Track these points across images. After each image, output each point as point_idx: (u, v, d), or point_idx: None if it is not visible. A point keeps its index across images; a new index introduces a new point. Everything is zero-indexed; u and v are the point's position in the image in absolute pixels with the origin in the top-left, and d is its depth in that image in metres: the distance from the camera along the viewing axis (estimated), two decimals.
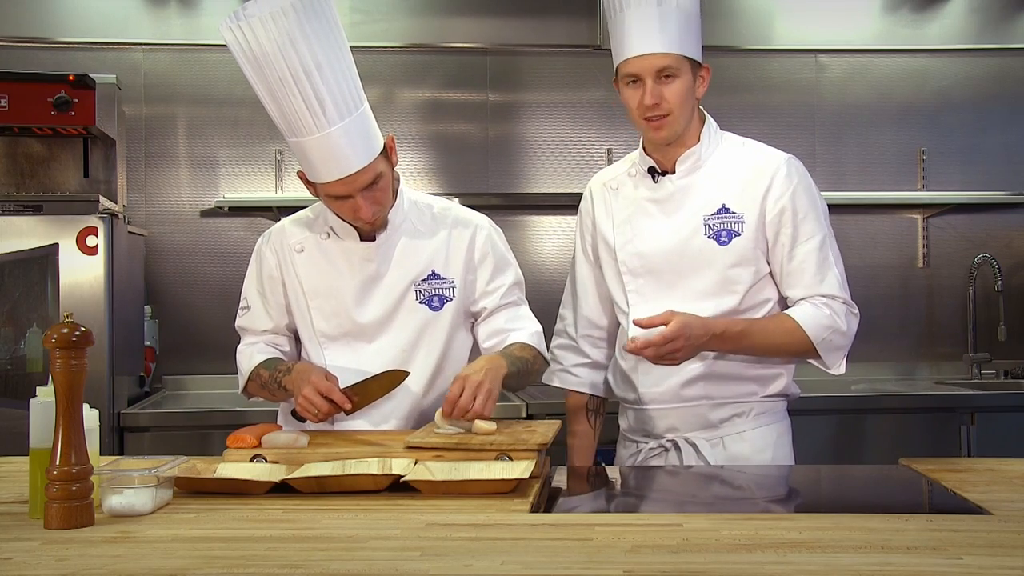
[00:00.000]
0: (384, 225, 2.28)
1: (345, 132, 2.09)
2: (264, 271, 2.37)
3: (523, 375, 2.24)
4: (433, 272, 2.31)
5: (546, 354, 2.38)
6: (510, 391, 2.29)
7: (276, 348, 2.38)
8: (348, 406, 2.15)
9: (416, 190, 2.47)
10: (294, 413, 2.20)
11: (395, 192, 2.29)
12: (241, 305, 2.41)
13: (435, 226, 2.35)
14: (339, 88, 2.08)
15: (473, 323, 2.40)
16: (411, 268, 2.30)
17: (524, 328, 2.35)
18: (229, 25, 2.04)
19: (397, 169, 2.28)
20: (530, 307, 2.44)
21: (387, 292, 2.29)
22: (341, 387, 2.16)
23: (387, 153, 2.20)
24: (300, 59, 2.03)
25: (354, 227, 2.28)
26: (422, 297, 2.30)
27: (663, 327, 2.09)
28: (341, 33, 2.12)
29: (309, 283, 2.32)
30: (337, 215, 2.26)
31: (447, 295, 2.31)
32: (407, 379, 2.24)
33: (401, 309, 2.30)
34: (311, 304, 2.31)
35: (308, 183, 2.21)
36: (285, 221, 2.41)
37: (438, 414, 2.09)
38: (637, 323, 2.14)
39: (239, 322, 2.41)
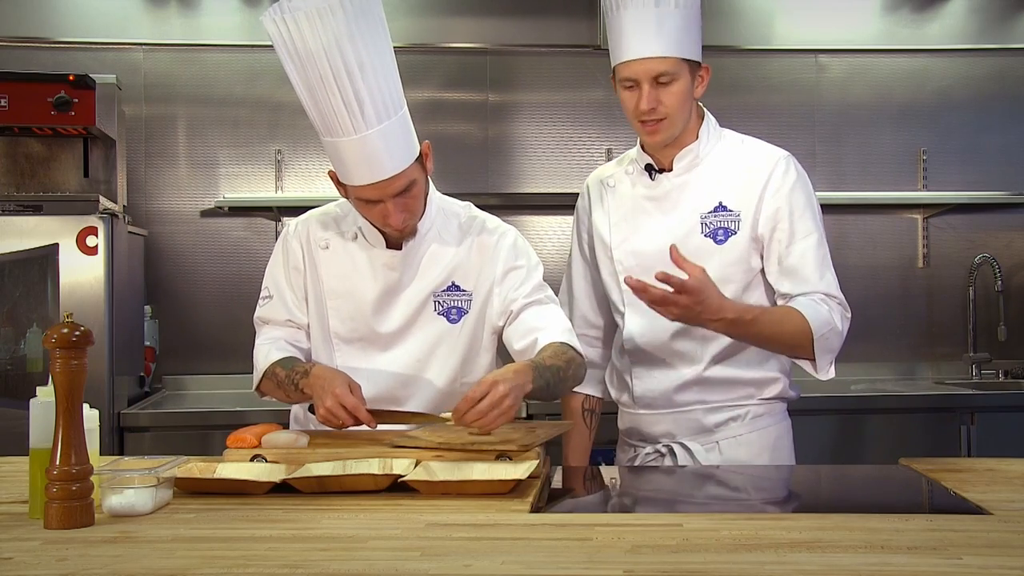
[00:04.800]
0: (412, 233, 2.21)
1: (382, 135, 2.02)
2: (290, 261, 2.29)
3: (554, 385, 2.09)
4: (453, 283, 2.24)
5: (581, 350, 2.24)
6: (539, 400, 2.17)
7: (295, 345, 2.29)
8: (374, 425, 2.06)
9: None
10: (311, 408, 2.13)
11: (426, 200, 2.22)
12: (262, 295, 2.33)
13: (460, 236, 2.27)
14: (380, 90, 2.00)
15: (500, 336, 2.30)
16: (432, 279, 2.23)
17: (555, 325, 2.22)
18: (273, 17, 1.96)
19: None
20: None
21: (407, 302, 2.23)
22: (378, 408, 2.09)
23: (422, 160, 2.13)
24: (344, 59, 1.95)
25: (381, 233, 2.22)
26: (440, 308, 2.24)
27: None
28: (386, 32, 2.04)
29: (330, 283, 2.26)
30: (366, 219, 2.20)
31: (465, 307, 2.24)
32: (418, 391, 2.21)
33: (419, 320, 2.23)
34: (329, 304, 2.25)
35: (339, 184, 2.14)
36: (313, 214, 2.33)
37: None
38: (659, 276, 1.97)
39: (259, 313, 2.33)
